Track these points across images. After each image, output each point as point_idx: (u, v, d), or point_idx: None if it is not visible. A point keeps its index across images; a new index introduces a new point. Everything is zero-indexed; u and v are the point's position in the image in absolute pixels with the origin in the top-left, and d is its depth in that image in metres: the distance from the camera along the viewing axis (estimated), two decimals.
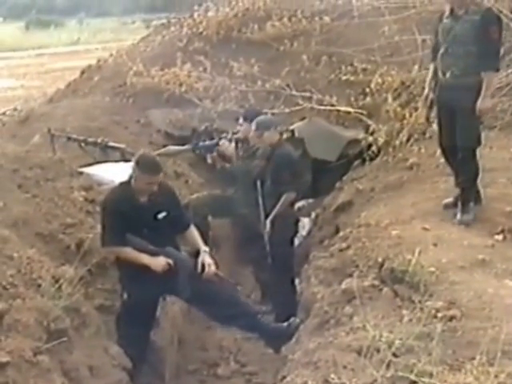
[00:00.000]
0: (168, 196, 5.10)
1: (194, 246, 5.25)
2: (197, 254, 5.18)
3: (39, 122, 8.23)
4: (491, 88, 5.33)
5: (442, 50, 5.42)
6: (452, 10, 5.35)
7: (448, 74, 5.36)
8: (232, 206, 6.55)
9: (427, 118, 6.32)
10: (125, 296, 4.97)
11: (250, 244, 6.63)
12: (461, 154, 5.44)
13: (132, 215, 4.84)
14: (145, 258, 4.86)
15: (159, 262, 4.85)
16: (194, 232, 5.26)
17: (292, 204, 6.48)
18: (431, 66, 5.70)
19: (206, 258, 5.10)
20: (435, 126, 6.03)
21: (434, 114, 5.94)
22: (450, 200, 5.61)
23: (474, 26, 5.20)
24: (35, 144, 7.34)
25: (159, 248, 4.92)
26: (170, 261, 4.88)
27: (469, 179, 5.51)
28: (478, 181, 5.59)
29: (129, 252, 4.88)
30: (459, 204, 5.45)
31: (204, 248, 5.18)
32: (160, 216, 4.95)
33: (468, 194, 5.47)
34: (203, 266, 5.05)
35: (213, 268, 5.08)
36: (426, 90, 5.72)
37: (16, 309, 3.88)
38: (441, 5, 8.20)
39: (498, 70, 5.46)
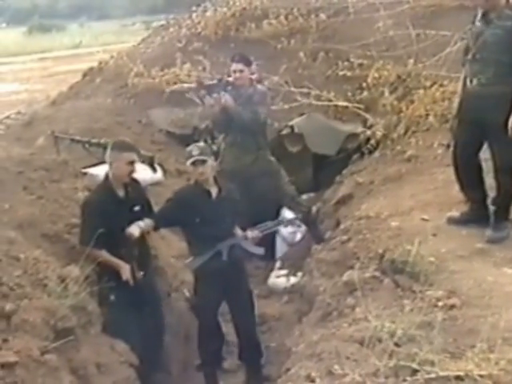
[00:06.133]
0: (140, 191, 5.32)
1: None
2: None
3: (43, 124, 8.25)
4: None
5: (469, 56, 5.03)
6: (484, 14, 4.94)
7: (474, 82, 4.97)
8: None
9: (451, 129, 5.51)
10: (111, 298, 4.96)
11: None
12: (499, 173, 5.03)
13: (112, 210, 4.97)
14: (115, 262, 4.96)
15: (126, 271, 4.93)
16: None
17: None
18: (462, 72, 5.24)
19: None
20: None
21: None
22: (455, 214, 5.31)
23: (506, 32, 4.80)
24: (39, 146, 7.35)
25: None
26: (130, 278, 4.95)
27: (506, 197, 5.09)
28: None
29: (102, 254, 4.93)
30: (491, 220, 5.08)
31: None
32: (136, 208, 5.13)
33: (503, 211, 5.09)
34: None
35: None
36: (457, 100, 5.30)
37: (23, 309, 3.89)
38: None
39: None
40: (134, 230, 5.04)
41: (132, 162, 5.02)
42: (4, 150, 6.73)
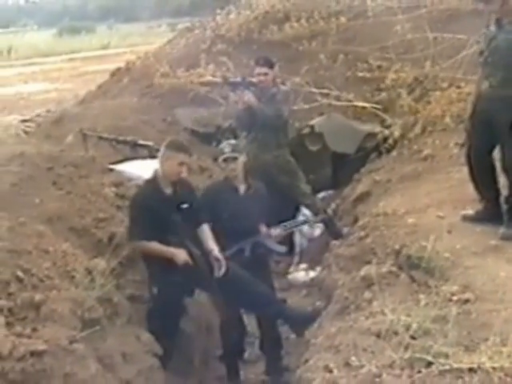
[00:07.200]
0: (189, 190, 5.29)
1: (204, 244, 5.20)
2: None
3: (72, 122, 8.36)
4: None
5: (482, 58, 5.09)
6: (498, 19, 4.98)
7: (486, 84, 5.02)
8: None
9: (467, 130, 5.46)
10: (155, 291, 5.03)
11: None
12: (510, 174, 5.07)
13: (159, 207, 4.98)
14: (169, 251, 4.94)
15: (181, 255, 4.91)
16: (207, 231, 5.25)
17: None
18: (478, 74, 5.30)
19: (215, 254, 5.09)
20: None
21: None
22: (469, 212, 5.33)
23: None
24: (68, 143, 7.47)
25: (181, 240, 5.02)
26: (189, 259, 4.92)
27: None
28: None
29: (153, 245, 4.97)
30: (504, 218, 5.10)
31: (212, 247, 5.13)
32: (183, 206, 5.11)
33: None
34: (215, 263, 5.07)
35: (223, 267, 5.06)
36: (471, 101, 5.38)
37: (52, 299, 3.98)
38: (449, 3, 8.34)
39: None
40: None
41: (183, 163, 5.05)
42: (35, 147, 6.81)
